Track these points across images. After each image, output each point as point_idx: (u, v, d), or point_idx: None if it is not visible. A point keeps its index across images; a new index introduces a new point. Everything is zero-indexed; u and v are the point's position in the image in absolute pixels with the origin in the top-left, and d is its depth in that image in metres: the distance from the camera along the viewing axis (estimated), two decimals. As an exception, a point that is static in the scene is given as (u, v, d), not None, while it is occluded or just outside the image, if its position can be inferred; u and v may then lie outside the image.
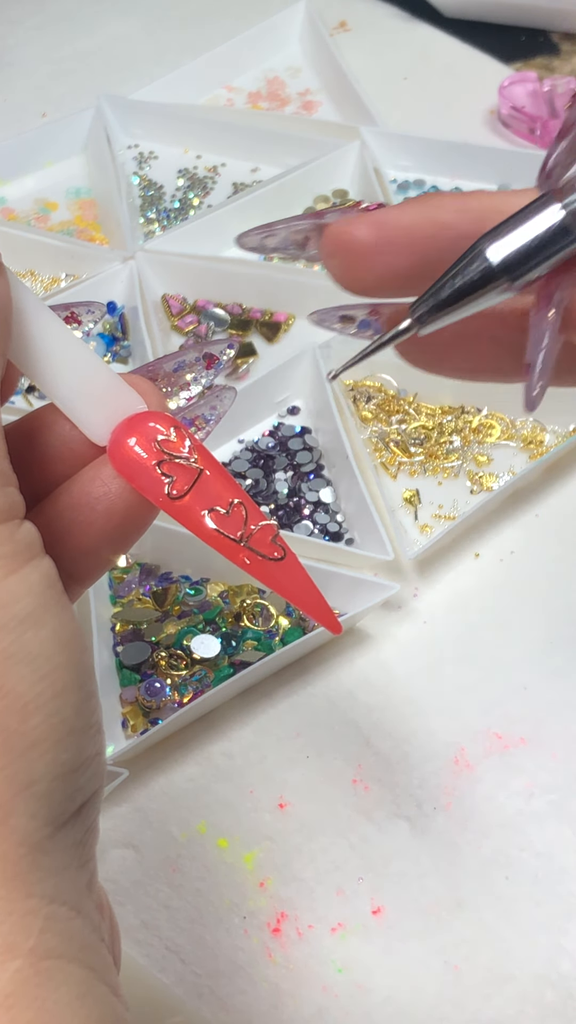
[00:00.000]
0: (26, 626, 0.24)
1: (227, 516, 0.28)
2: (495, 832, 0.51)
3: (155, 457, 0.28)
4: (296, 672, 0.57)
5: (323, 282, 0.74)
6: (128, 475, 0.28)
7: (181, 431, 0.28)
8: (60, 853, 0.24)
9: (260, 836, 0.51)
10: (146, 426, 0.28)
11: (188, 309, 0.75)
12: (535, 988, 0.47)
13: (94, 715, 0.26)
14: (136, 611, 0.58)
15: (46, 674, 0.24)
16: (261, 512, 0.29)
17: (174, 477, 0.28)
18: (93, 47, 0.98)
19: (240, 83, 0.94)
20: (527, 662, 0.57)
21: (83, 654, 0.25)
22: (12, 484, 0.25)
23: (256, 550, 0.28)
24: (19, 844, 0.23)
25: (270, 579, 0.29)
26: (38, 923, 0.23)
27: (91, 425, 0.28)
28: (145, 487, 0.28)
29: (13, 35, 1.00)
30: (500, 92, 0.87)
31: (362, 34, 0.98)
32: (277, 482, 0.65)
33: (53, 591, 0.25)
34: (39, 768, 0.24)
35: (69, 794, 0.25)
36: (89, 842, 0.26)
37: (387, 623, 0.59)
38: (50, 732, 0.24)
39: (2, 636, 0.24)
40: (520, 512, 0.63)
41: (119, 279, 0.74)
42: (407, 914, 0.49)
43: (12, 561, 0.24)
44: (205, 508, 0.28)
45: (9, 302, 0.27)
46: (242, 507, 0.28)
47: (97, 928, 0.25)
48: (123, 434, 0.28)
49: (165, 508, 0.28)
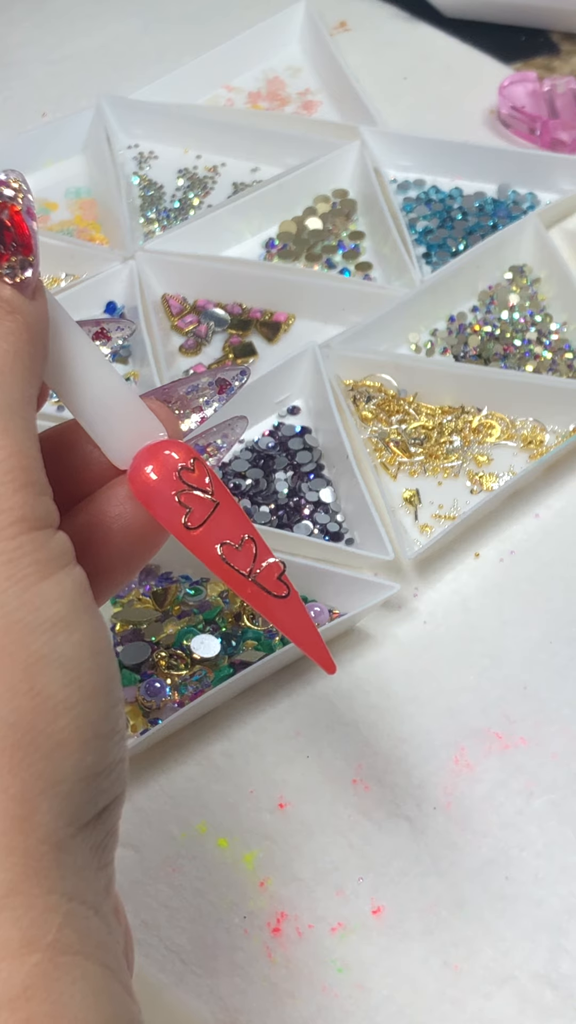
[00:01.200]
0: (58, 629, 0.24)
1: (238, 550, 0.29)
2: (495, 832, 0.51)
3: (175, 487, 0.29)
4: (296, 672, 0.57)
5: (323, 282, 0.74)
6: (147, 501, 0.29)
7: (200, 463, 0.29)
8: (81, 853, 0.25)
9: (260, 836, 0.51)
10: (167, 455, 0.29)
11: (188, 309, 0.75)
12: (535, 988, 0.47)
13: (119, 721, 0.26)
14: (136, 611, 0.58)
15: (76, 677, 0.25)
16: (269, 549, 0.30)
17: (191, 508, 0.29)
18: (93, 47, 0.98)
19: (240, 83, 0.94)
20: (527, 662, 0.57)
21: (112, 661, 0.26)
22: (47, 494, 0.26)
23: (262, 586, 0.29)
24: (42, 841, 0.24)
25: (272, 615, 0.30)
26: (58, 919, 0.23)
27: (114, 448, 0.29)
28: (163, 515, 0.29)
29: (13, 35, 1.00)
30: (500, 92, 0.87)
31: (362, 34, 0.98)
32: (277, 482, 0.65)
33: (85, 598, 0.26)
34: (65, 768, 0.24)
35: (92, 796, 0.25)
36: (109, 846, 0.27)
37: (387, 623, 0.59)
38: (77, 734, 0.24)
39: (35, 638, 0.24)
40: (520, 512, 0.63)
41: (119, 279, 0.74)
42: (407, 914, 0.49)
43: (46, 567, 0.25)
44: (218, 540, 0.29)
45: (46, 323, 0.27)
46: (252, 543, 0.29)
47: (113, 931, 0.26)
48: (144, 460, 0.29)
49: (180, 537, 0.29)
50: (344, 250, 0.78)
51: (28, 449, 0.25)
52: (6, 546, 0.24)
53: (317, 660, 0.31)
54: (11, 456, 0.25)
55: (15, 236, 0.26)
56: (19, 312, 0.26)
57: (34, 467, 0.25)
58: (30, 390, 0.26)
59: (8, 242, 0.26)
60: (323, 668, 0.31)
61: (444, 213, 0.80)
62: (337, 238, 0.79)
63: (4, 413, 0.25)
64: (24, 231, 0.27)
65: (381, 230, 0.77)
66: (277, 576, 0.30)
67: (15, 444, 0.25)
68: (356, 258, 0.78)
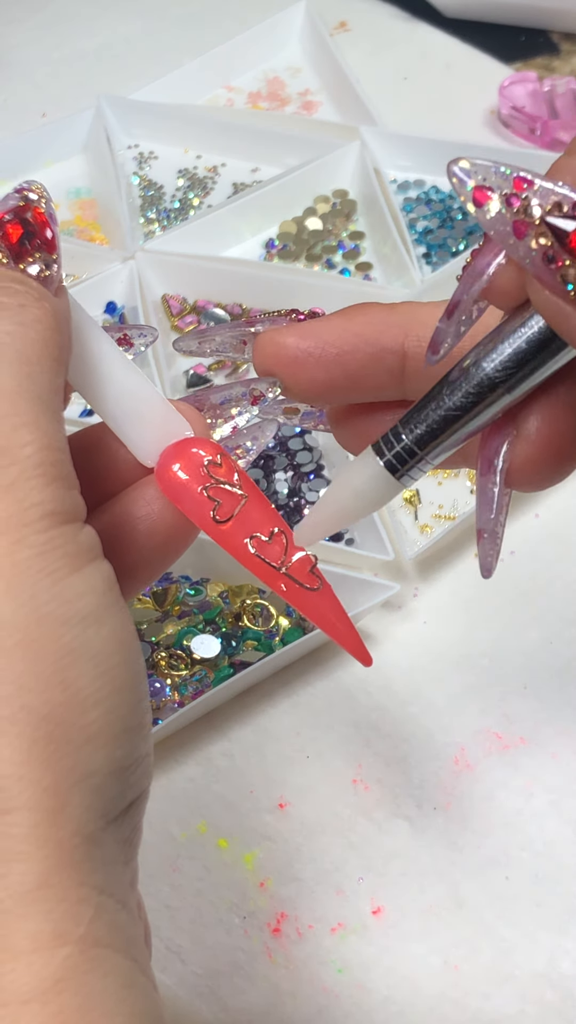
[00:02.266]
0: (88, 623, 0.25)
1: (268, 543, 0.29)
2: (495, 832, 0.51)
3: (202, 482, 0.29)
4: (296, 672, 0.57)
5: (323, 282, 0.74)
6: (175, 497, 0.29)
7: (227, 458, 0.29)
8: (110, 847, 0.25)
9: (260, 836, 0.51)
10: (193, 451, 0.29)
11: (188, 309, 0.75)
12: (535, 988, 0.47)
13: (146, 716, 0.26)
14: (136, 611, 0.58)
15: (105, 671, 0.25)
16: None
17: (220, 502, 0.29)
18: (93, 47, 0.98)
19: (240, 83, 0.94)
20: (527, 662, 0.57)
21: (139, 656, 0.26)
22: (75, 488, 0.26)
23: (295, 579, 0.29)
24: (74, 834, 0.24)
25: (305, 608, 0.30)
26: (88, 912, 0.23)
27: (140, 447, 0.29)
28: (191, 510, 0.29)
29: (13, 35, 1.00)
30: (500, 92, 0.87)
31: (362, 34, 0.98)
32: (277, 482, 0.65)
33: (113, 592, 0.26)
34: (96, 762, 0.24)
35: (121, 790, 0.25)
36: (135, 841, 0.27)
37: (387, 623, 0.59)
38: (107, 728, 0.24)
39: (66, 631, 0.24)
40: (520, 512, 0.63)
41: (119, 279, 0.74)
42: (407, 914, 0.49)
43: (76, 560, 0.25)
44: (247, 533, 0.29)
45: (69, 321, 0.28)
46: (283, 536, 0.30)
47: (138, 924, 0.26)
48: (171, 458, 0.29)
49: (209, 532, 0.29)
50: (344, 250, 0.78)
51: (58, 442, 0.25)
52: (37, 539, 0.24)
53: (353, 652, 0.31)
54: (42, 450, 0.25)
55: (39, 235, 0.27)
56: (47, 301, 0.26)
57: (64, 460, 0.25)
58: (58, 380, 0.26)
59: (33, 240, 0.27)
60: (359, 660, 0.31)
61: (444, 213, 0.80)
62: (337, 238, 0.79)
63: (35, 404, 0.25)
64: (48, 231, 0.27)
65: (381, 230, 0.77)
66: (309, 569, 0.30)
67: (45, 437, 0.25)
68: (356, 258, 0.78)
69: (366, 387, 0.31)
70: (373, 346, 0.31)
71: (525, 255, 0.24)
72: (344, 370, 0.31)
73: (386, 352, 0.31)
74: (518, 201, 0.24)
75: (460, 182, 0.25)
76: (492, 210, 0.24)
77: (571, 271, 0.23)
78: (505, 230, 0.24)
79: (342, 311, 0.31)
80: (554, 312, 0.24)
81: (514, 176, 0.24)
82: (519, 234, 0.24)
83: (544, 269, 0.24)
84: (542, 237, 0.24)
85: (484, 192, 0.24)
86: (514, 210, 0.24)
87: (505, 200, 0.24)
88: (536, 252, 0.24)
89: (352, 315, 0.31)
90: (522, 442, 0.27)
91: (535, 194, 0.24)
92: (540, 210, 0.24)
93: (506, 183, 0.24)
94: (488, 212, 0.24)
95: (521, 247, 0.24)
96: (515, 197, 0.24)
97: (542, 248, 0.24)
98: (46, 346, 0.26)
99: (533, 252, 0.24)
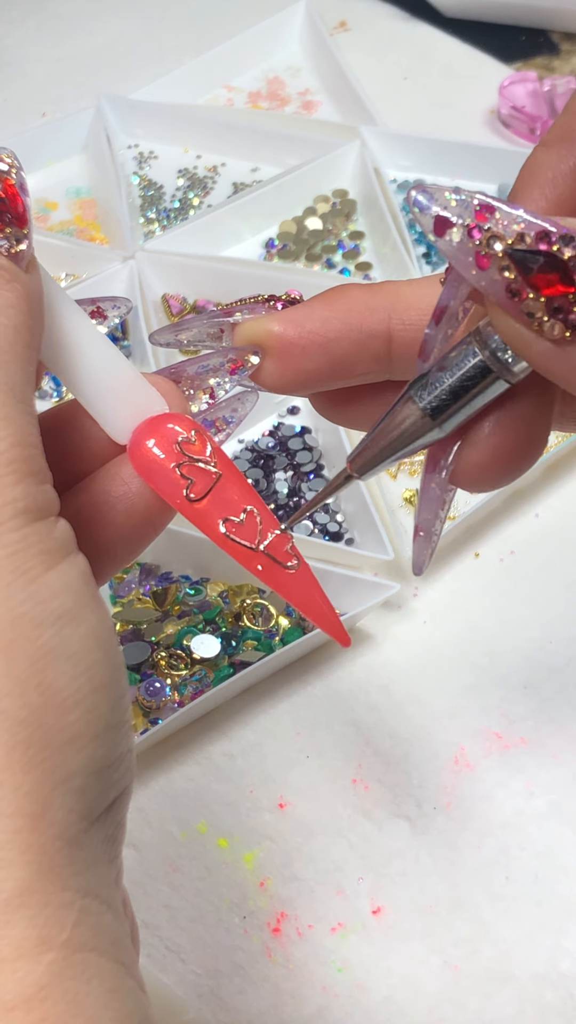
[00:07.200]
0: (64, 622, 0.24)
1: (241, 524, 0.28)
2: (495, 832, 0.51)
3: (175, 459, 0.28)
4: (296, 672, 0.57)
5: (323, 282, 0.74)
6: (147, 475, 0.28)
7: (202, 434, 0.29)
8: (93, 848, 0.25)
9: (260, 836, 0.51)
10: (167, 427, 0.28)
11: (188, 309, 0.75)
12: (535, 988, 0.47)
13: (127, 712, 0.26)
14: (136, 611, 0.58)
15: (84, 670, 0.24)
16: (276, 520, 0.29)
17: (193, 480, 0.28)
18: (93, 47, 0.98)
19: (240, 83, 0.94)
20: (527, 662, 0.57)
21: (117, 651, 0.26)
22: (48, 482, 0.25)
23: (272, 556, 0.29)
24: (56, 838, 0.23)
25: (281, 587, 0.29)
26: (72, 916, 0.23)
27: (113, 423, 0.28)
28: (163, 488, 0.28)
29: (13, 35, 1.00)
30: (500, 92, 0.87)
31: (362, 34, 0.98)
32: (277, 482, 0.65)
33: (89, 587, 0.25)
34: (76, 763, 0.24)
35: (104, 789, 0.25)
36: (118, 838, 0.26)
37: (387, 623, 0.59)
38: (87, 728, 0.24)
39: (42, 632, 0.24)
40: (520, 512, 0.63)
41: (119, 279, 0.74)
42: (407, 914, 0.49)
43: (50, 557, 0.24)
44: (223, 512, 0.28)
45: (41, 297, 0.27)
46: (255, 514, 0.29)
47: (123, 924, 0.26)
48: (144, 434, 0.28)
49: (182, 510, 0.28)
50: (344, 250, 0.78)
51: (29, 436, 0.25)
52: (10, 538, 0.24)
53: (331, 633, 0.30)
54: (13, 446, 0.24)
55: (9, 208, 0.26)
56: (18, 281, 0.26)
57: (35, 455, 0.25)
58: (30, 368, 0.26)
59: (3, 214, 0.26)
60: (337, 641, 0.30)
61: (444, 213, 0.80)
62: (337, 238, 0.79)
63: (6, 398, 0.24)
64: (18, 203, 0.26)
65: (381, 230, 0.77)
66: (286, 547, 0.29)
67: (17, 433, 0.24)
68: (356, 258, 0.78)
69: (352, 373, 0.31)
70: (357, 332, 0.30)
71: (488, 286, 0.24)
72: (329, 358, 0.30)
73: (371, 338, 0.30)
74: (479, 233, 0.24)
75: (421, 210, 0.24)
76: (454, 239, 0.24)
77: (534, 303, 0.23)
78: (467, 260, 0.24)
79: (322, 295, 0.31)
80: (516, 338, 0.24)
81: (475, 205, 0.24)
82: (482, 266, 0.24)
83: (507, 301, 0.24)
84: (506, 271, 0.23)
85: (446, 221, 0.24)
86: (476, 242, 0.24)
87: (467, 231, 0.24)
88: (499, 283, 0.24)
89: (332, 300, 0.30)
90: (471, 446, 0.27)
91: (497, 223, 0.24)
92: (502, 244, 0.23)
93: (467, 212, 0.24)
94: (450, 242, 0.24)
95: (484, 278, 0.24)
96: (477, 229, 0.24)
97: (505, 281, 0.24)
98: (18, 333, 0.25)
99: (496, 283, 0.24)
